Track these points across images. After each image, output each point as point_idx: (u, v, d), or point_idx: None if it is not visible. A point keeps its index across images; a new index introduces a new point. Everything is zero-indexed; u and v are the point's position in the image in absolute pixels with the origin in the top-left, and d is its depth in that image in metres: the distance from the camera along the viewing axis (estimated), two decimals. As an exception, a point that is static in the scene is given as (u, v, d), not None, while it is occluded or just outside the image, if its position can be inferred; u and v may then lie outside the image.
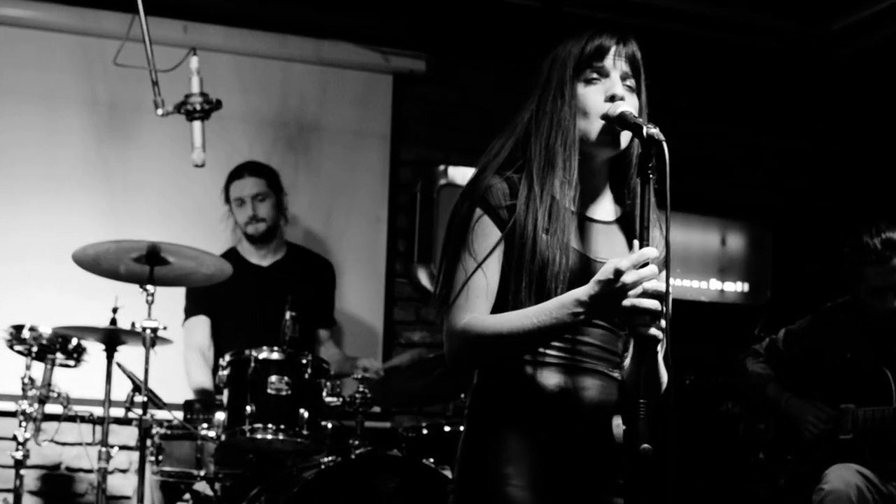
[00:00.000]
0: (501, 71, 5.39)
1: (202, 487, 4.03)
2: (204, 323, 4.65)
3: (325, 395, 3.92)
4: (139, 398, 3.90)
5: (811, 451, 4.03)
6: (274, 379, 3.80)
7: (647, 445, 1.99)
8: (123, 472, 4.85)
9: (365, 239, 5.35)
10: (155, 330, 3.91)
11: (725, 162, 5.90)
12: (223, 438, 3.83)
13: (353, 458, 3.75)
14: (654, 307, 1.98)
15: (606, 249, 2.21)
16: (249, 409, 3.76)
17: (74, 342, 4.17)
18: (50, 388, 4.13)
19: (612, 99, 2.18)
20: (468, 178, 2.27)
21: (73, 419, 4.23)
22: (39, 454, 4.60)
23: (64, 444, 4.71)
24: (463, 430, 2.26)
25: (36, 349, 4.11)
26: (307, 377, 3.85)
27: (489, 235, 2.16)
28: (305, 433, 3.79)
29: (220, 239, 4.82)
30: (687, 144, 5.72)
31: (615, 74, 2.20)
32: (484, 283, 2.15)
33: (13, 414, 4.14)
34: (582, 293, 2.04)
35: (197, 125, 4.03)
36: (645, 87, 2.25)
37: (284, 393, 3.79)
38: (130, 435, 4.59)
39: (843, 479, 3.73)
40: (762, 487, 4.20)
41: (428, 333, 5.42)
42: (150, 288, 3.95)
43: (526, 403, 2.15)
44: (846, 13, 5.56)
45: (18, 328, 4.10)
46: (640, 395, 2.02)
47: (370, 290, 5.32)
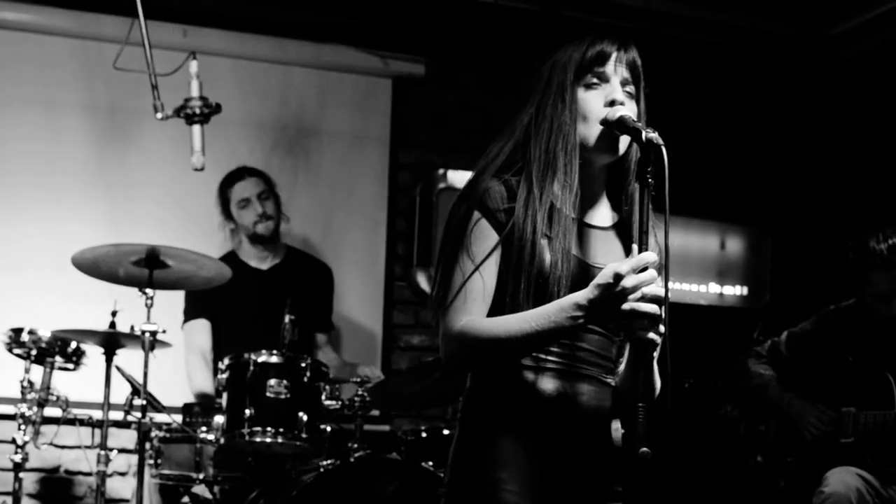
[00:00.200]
0: (500, 74, 5.39)
1: (201, 491, 4.03)
2: (205, 326, 4.65)
3: (324, 398, 3.92)
4: (138, 401, 3.90)
5: (812, 453, 4.03)
6: (273, 382, 3.79)
7: (645, 449, 1.99)
8: (122, 475, 4.85)
9: (364, 242, 5.35)
10: (154, 333, 3.91)
11: (724, 166, 5.90)
12: (222, 442, 3.83)
13: (352, 461, 3.75)
14: (653, 312, 1.98)
15: (603, 255, 2.21)
16: (248, 412, 3.76)
17: (74, 345, 4.17)
18: (49, 391, 4.13)
19: (611, 104, 2.18)
20: (469, 178, 2.27)
21: (72, 422, 4.24)
22: (38, 457, 4.60)
23: (63, 447, 4.71)
24: (455, 433, 2.26)
25: (35, 352, 4.11)
26: (306, 380, 3.85)
27: (487, 238, 2.16)
28: (304, 436, 3.79)
29: (219, 242, 4.82)
30: (686, 148, 5.72)
31: (615, 80, 2.20)
32: (481, 285, 2.14)
33: (12, 417, 4.14)
34: (581, 297, 2.03)
35: (196, 129, 4.03)
36: (644, 94, 2.25)
37: (283, 396, 3.79)
38: (129, 438, 4.58)
39: (843, 481, 3.73)
40: (762, 490, 4.20)
41: (427, 337, 5.41)
42: (149, 291, 3.96)
43: (520, 408, 2.15)
44: (845, 17, 5.56)
45: (18, 331, 4.10)
46: (638, 398, 2.03)
47: (369, 293, 5.32)
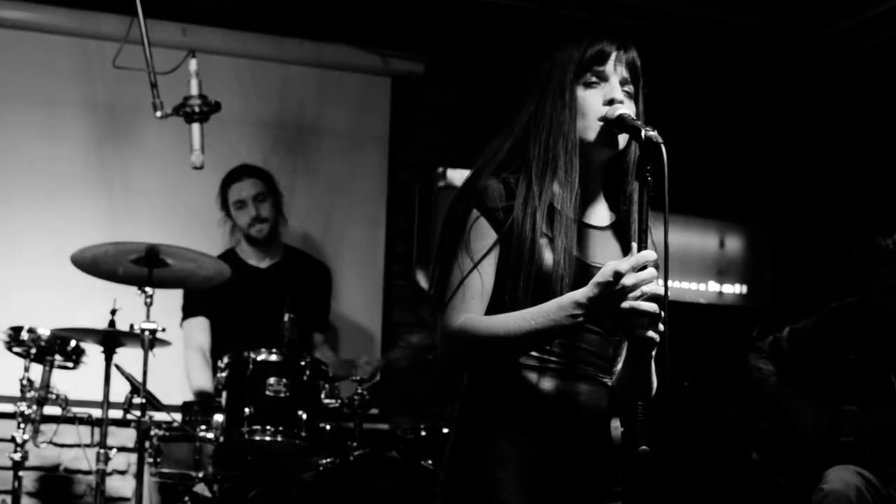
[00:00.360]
0: (500, 73, 5.38)
1: (201, 489, 4.03)
2: (203, 324, 4.65)
3: (323, 396, 3.92)
4: (138, 400, 3.90)
5: (812, 451, 4.03)
6: (272, 381, 3.80)
7: (645, 447, 1.99)
8: (122, 473, 4.85)
9: (363, 241, 5.35)
10: (153, 332, 3.91)
11: (724, 164, 5.90)
12: (222, 440, 3.83)
13: (351, 459, 3.75)
14: (652, 310, 1.98)
15: (601, 254, 2.21)
16: (248, 410, 3.76)
17: (73, 344, 4.17)
18: (48, 389, 4.13)
19: (610, 102, 2.18)
20: (467, 176, 2.27)
21: (71, 421, 4.23)
22: (38, 456, 4.59)
23: (62, 445, 4.70)
24: (452, 432, 2.26)
25: (34, 351, 4.11)
26: (306, 379, 3.85)
27: (485, 236, 2.15)
28: (304, 435, 3.79)
29: (218, 241, 4.82)
30: (685, 147, 5.72)
31: (614, 79, 2.20)
32: (479, 283, 2.14)
33: (12, 416, 4.14)
34: (580, 295, 2.03)
35: (196, 127, 4.03)
36: (643, 94, 2.25)
37: (283, 395, 3.79)
38: (129, 436, 4.58)
39: (842, 479, 3.72)
40: (761, 488, 4.20)
41: (426, 335, 5.41)
42: (148, 290, 3.96)
43: (518, 407, 2.15)
44: (845, 16, 5.56)
45: (17, 330, 4.10)
46: (638, 397, 2.03)
47: (369, 292, 5.32)
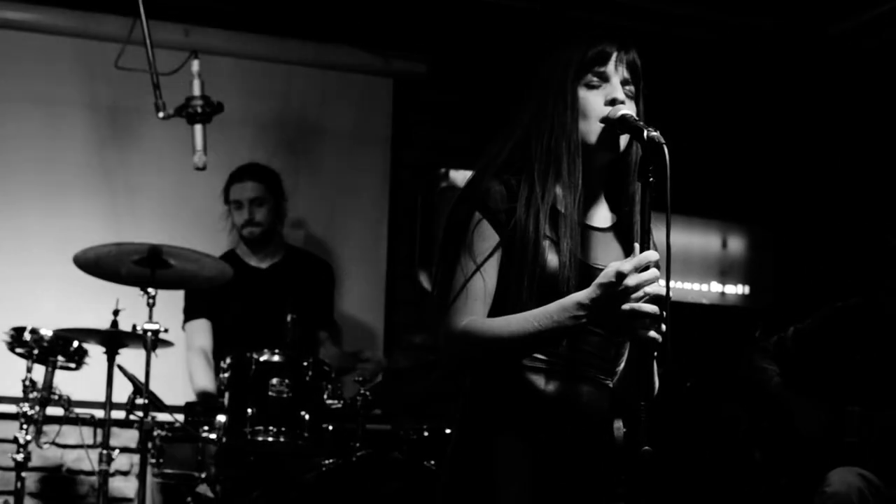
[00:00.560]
0: (502, 73, 5.38)
1: (203, 490, 4.03)
2: (206, 325, 4.64)
3: (326, 397, 3.92)
4: (140, 400, 3.91)
5: (815, 452, 4.03)
6: (275, 381, 3.79)
7: (647, 448, 1.99)
8: (125, 474, 4.85)
9: (366, 241, 5.35)
10: (156, 332, 3.91)
11: (726, 165, 5.90)
12: (224, 441, 3.83)
13: (354, 460, 3.75)
14: (654, 311, 1.98)
15: (604, 256, 2.21)
16: (250, 411, 3.76)
17: (75, 345, 4.17)
18: (51, 390, 4.13)
19: (612, 103, 2.17)
20: (468, 179, 2.26)
21: (74, 421, 4.24)
22: (40, 457, 4.60)
23: (65, 446, 4.71)
24: (454, 433, 2.25)
25: (37, 352, 4.12)
26: (308, 379, 3.85)
27: (488, 239, 2.15)
28: (306, 435, 3.79)
29: (220, 242, 4.82)
30: (687, 147, 5.71)
31: (616, 79, 2.20)
32: (482, 286, 2.14)
33: (14, 416, 4.14)
34: (583, 296, 2.03)
35: (198, 128, 4.03)
36: (643, 94, 2.25)
37: (285, 395, 3.79)
38: (131, 437, 4.58)
39: (845, 481, 3.72)
40: (763, 488, 4.20)
41: (429, 336, 5.41)
42: (151, 290, 3.96)
43: (520, 409, 2.15)
44: (846, 16, 5.57)
45: (19, 330, 4.10)
46: (640, 397, 2.02)
47: (371, 292, 5.32)
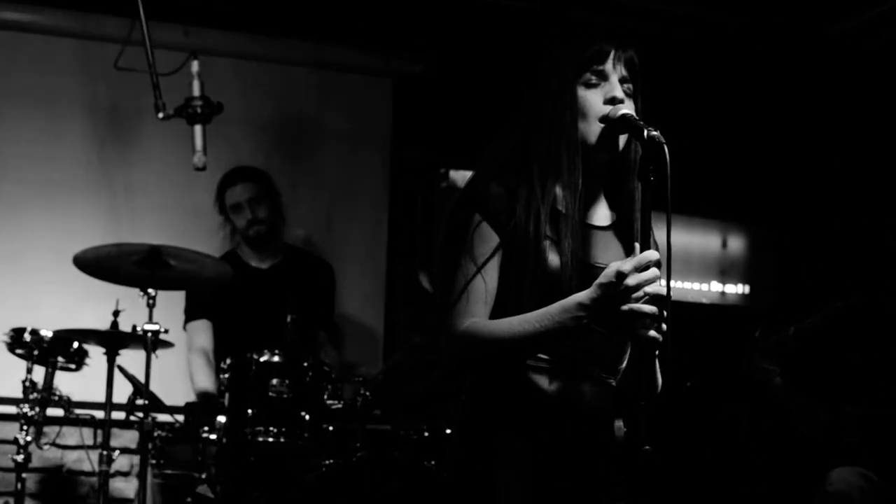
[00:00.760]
0: (501, 73, 5.38)
1: (203, 490, 4.03)
2: (206, 326, 4.64)
3: (326, 397, 3.92)
4: (140, 401, 3.90)
5: (815, 452, 4.03)
6: (275, 382, 3.80)
7: (648, 447, 1.99)
8: (125, 475, 4.85)
9: (365, 241, 5.35)
10: (156, 333, 3.91)
11: (726, 164, 5.90)
12: (224, 441, 3.83)
13: (354, 460, 3.75)
14: (654, 311, 1.98)
15: (604, 255, 2.21)
16: (251, 411, 3.76)
17: (76, 345, 4.17)
18: (51, 391, 4.13)
19: (611, 101, 2.17)
20: (467, 181, 2.26)
21: (74, 422, 4.24)
22: (41, 457, 4.60)
23: (65, 447, 4.71)
24: (456, 432, 2.25)
25: (37, 352, 4.11)
26: (308, 380, 3.85)
27: (488, 241, 2.16)
28: (306, 436, 3.79)
29: (220, 242, 4.82)
30: (687, 146, 5.71)
31: (614, 78, 2.20)
32: (483, 287, 2.14)
33: (14, 417, 4.14)
34: (584, 297, 2.04)
35: (198, 129, 4.03)
36: (641, 92, 2.24)
37: (286, 396, 3.79)
38: (132, 438, 4.59)
39: (846, 480, 3.73)
40: (763, 488, 4.20)
41: (429, 336, 5.40)
42: (151, 291, 3.96)
43: (522, 408, 2.15)
44: (846, 16, 5.57)
45: (19, 331, 4.10)
46: (641, 397, 2.02)
47: (371, 292, 5.32)
